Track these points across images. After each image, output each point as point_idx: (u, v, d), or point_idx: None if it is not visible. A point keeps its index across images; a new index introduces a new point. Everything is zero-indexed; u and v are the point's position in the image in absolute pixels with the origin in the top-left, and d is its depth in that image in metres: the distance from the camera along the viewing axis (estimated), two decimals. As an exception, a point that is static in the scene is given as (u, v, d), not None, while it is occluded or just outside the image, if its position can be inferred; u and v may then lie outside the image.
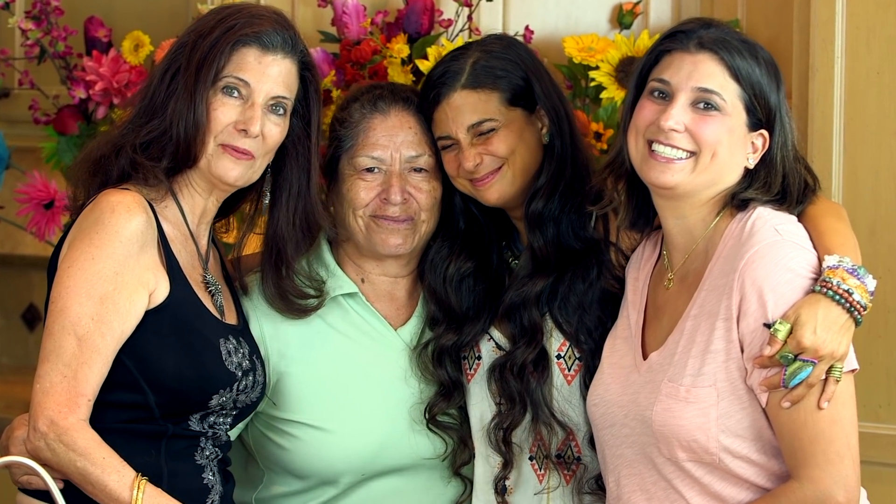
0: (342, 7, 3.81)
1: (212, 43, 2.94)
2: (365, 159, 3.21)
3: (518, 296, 3.14)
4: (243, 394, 3.00)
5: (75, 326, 2.79)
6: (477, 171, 3.13)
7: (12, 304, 5.23)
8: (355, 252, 3.28)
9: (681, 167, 2.82)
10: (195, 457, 2.95)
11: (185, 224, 3.00)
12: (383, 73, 3.72)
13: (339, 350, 3.24)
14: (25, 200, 4.00)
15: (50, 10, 4.08)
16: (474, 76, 3.13)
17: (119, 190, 2.90)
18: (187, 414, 2.92)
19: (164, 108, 2.94)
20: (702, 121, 2.80)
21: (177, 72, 2.96)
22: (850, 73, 3.41)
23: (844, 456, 2.68)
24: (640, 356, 2.91)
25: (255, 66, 2.96)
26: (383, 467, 3.21)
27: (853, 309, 2.70)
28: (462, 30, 3.81)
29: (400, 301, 3.31)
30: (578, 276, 3.13)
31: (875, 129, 3.38)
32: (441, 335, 3.22)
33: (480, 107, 3.13)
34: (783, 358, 2.67)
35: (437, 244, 3.26)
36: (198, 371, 2.89)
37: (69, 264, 2.83)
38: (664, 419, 2.78)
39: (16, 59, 4.28)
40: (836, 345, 2.68)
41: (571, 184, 3.14)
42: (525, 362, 3.11)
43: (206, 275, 3.03)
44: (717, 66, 2.81)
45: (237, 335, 3.02)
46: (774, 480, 2.77)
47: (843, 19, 3.42)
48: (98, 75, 3.98)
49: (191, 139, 2.92)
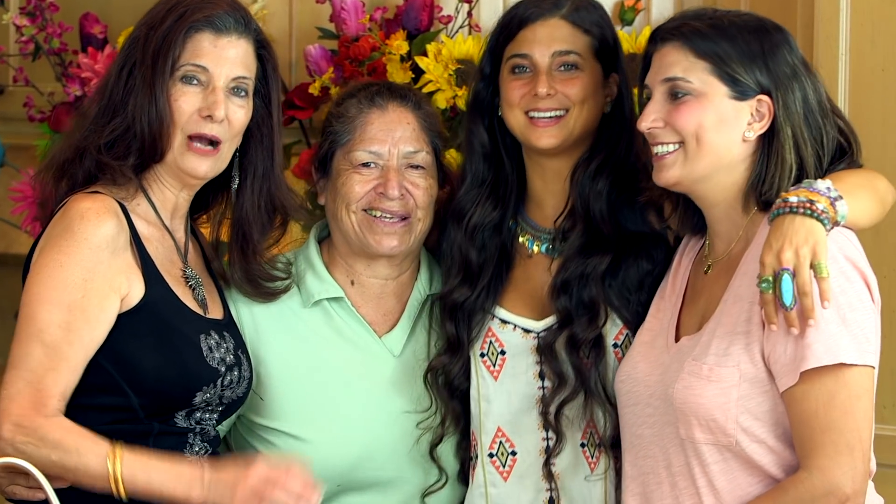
0: (341, 3, 3.79)
1: (164, 33, 2.90)
2: (362, 153, 3.18)
3: (577, 271, 3.08)
4: (228, 389, 2.97)
5: (42, 334, 2.76)
6: (544, 103, 3.08)
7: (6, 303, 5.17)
8: (347, 251, 3.24)
9: (672, 160, 2.83)
10: (185, 453, 2.92)
11: (159, 219, 2.97)
12: (382, 69, 3.70)
13: (319, 356, 3.19)
14: (20, 199, 3.98)
15: (45, 7, 4.06)
16: (576, 12, 3.12)
17: (87, 195, 2.86)
18: (172, 412, 2.89)
19: (125, 105, 2.91)
20: (675, 110, 2.82)
21: (133, 66, 2.92)
22: (855, 70, 3.41)
23: (855, 448, 2.66)
24: (672, 338, 2.91)
25: (210, 50, 2.92)
26: (362, 480, 3.17)
27: (814, 214, 2.67)
28: (462, 26, 3.80)
29: (387, 306, 3.26)
30: (638, 259, 3.09)
31: (880, 126, 3.37)
32: (455, 288, 3.18)
33: (573, 40, 3.10)
34: (764, 283, 2.65)
35: (465, 188, 3.21)
36: (179, 370, 2.86)
37: (38, 271, 2.80)
38: (685, 396, 2.77)
39: (10, 56, 4.25)
40: (801, 242, 2.64)
41: (623, 166, 3.11)
42: (584, 340, 3.06)
43: (185, 269, 3.00)
44: (677, 51, 2.83)
45: (220, 329, 2.99)
46: (788, 472, 2.75)
47: (848, 16, 3.41)
48: (93, 72, 3.95)
49: (156, 133, 2.89)
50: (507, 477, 3.17)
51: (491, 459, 3.17)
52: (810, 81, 2.83)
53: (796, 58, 2.84)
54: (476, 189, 3.21)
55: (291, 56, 3.98)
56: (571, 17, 3.11)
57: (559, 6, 3.12)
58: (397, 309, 3.27)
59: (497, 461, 3.17)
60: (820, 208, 2.68)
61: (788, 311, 2.65)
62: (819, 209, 2.68)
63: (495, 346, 3.17)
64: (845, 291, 2.69)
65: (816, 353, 2.66)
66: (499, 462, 3.17)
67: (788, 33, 2.86)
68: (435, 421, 3.19)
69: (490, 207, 3.20)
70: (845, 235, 2.75)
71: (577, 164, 3.13)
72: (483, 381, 3.17)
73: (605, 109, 3.15)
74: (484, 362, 3.18)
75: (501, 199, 3.21)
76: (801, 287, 2.64)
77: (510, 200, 3.21)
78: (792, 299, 2.64)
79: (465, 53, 3.67)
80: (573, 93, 3.10)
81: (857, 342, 2.68)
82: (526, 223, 3.22)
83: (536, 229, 3.20)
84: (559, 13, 3.11)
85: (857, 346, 2.68)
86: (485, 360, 3.18)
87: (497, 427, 3.17)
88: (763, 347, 2.73)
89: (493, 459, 3.18)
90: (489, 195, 3.20)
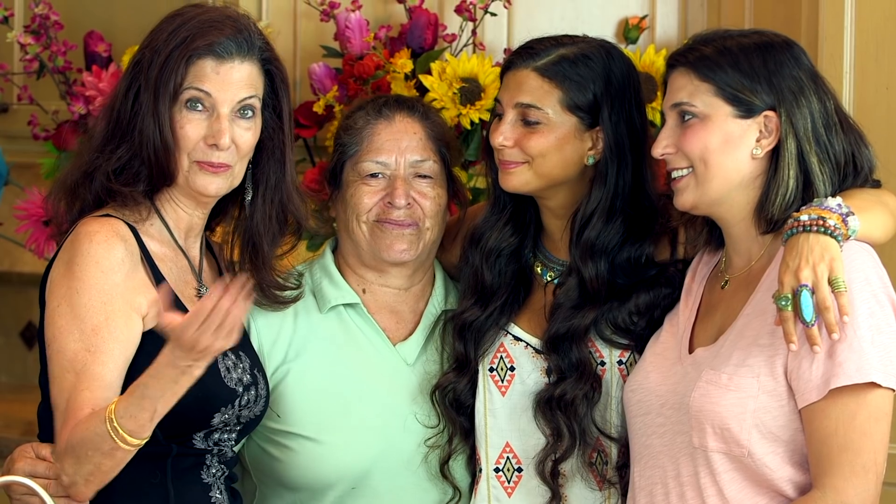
0: (345, 22, 3.79)
1: (164, 60, 2.88)
2: (369, 164, 3.19)
3: (564, 328, 3.10)
4: (246, 409, 2.96)
5: (73, 363, 2.76)
6: (502, 152, 3.09)
7: (11, 321, 5.20)
8: (357, 262, 3.25)
9: (685, 184, 2.85)
10: (202, 475, 2.92)
11: (172, 239, 2.96)
12: (386, 88, 3.70)
13: (334, 361, 3.20)
14: (24, 217, 3.98)
15: (49, 25, 4.06)
16: (550, 65, 3.07)
17: (96, 219, 2.86)
18: (190, 433, 2.88)
19: (132, 129, 2.89)
20: (683, 135, 2.84)
21: (138, 90, 2.90)
22: (859, 88, 3.41)
23: (870, 470, 2.66)
24: (685, 350, 2.91)
25: (213, 76, 2.90)
26: (377, 487, 3.17)
27: (827, 230, 2.69)
28: (466, 44, 3.80)
29: (402, 315, 3.28)
30: (648, 290, 3.09)
31: (884, 145, 3.35)
32: (467, 309, 3.19)
33: (537, 94, 3.07)
34: (781, 300, 2.66)
35: (487, 212, 3.22)
36: (196, 392, 2.84)
37: (57, 304, 2.79)
38: (701, 404, 2.78)
39: (15, 74, 4.25)
40: (817, 259, 2.65)
41: (633, 217, 3.10)
42: (575, 398, 3.07)
43: (199, 288, 3.00)
44: (683, 76, 2.84)
45: (236, 349, 2.97)
46: (798, 490, 2.75)
47: (852, 34, 3.41)
48: (98, 90, 3.96)
49: (163, 161, 2.88)
50: (511, 493, 3.17)
51: (496, 474, 3.17)
52: (818, 96, 2.84)
53: (804, 72, 2.84)
54: (497, 214, 3.22)
55: (296, 74, 3.98)
56: (544, 69, 3.07)
57: (536, 57, 3.08)
58: (411, 319, 3.28)
59: (503, 476, 3.17)
60: (831, 224, 2.69)
61: (809, 328, 2.66)
62: (831, 226, 2.69)
63: (505, 361, 3.18)
64: (874, 314, 2.70)
65: (847, 371, 2.66)
66: (504, 477, 3.17)
67: (796, 48, 2.86)
68: (442, 439, 3.19)
69: (508, 233, 3.21)
70: (868, 252, 2.76)
71: (574, 213, 3.12)
72: (490, 396, 3.17)
73: (586, 162, 3.11)
74: (493, 377, 3.18)
75: (520, 227, 3.22)
76: (821, 302, 2.65)
77: (529, 229, 3.22)
78: (812, 315, 2.65)
79: (469, 72, 3.67)
80: (529, 146, 3.08)
81: (884, 364, 2.69)
82: (542, 253, 3.23)
83: (550, 260, 3.21)
84: (533, 64, 3.08)
85: (884, 367, 2.69)
86: (493, 374, 3.18)
87: (506, 442, 3.17)
88: (787, 362, 2.73)
89: (498, 474, 3.17)
90: (508, 221, 3.21)
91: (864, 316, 2.69)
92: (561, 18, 3.88)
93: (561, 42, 3.11)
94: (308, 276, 3.26)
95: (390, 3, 3.90)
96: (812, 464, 2.71)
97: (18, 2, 4.41)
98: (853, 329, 2.67)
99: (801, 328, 2.67)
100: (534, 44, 3.12)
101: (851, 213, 2.72)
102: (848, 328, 2.67)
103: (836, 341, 2.67)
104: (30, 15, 4.13)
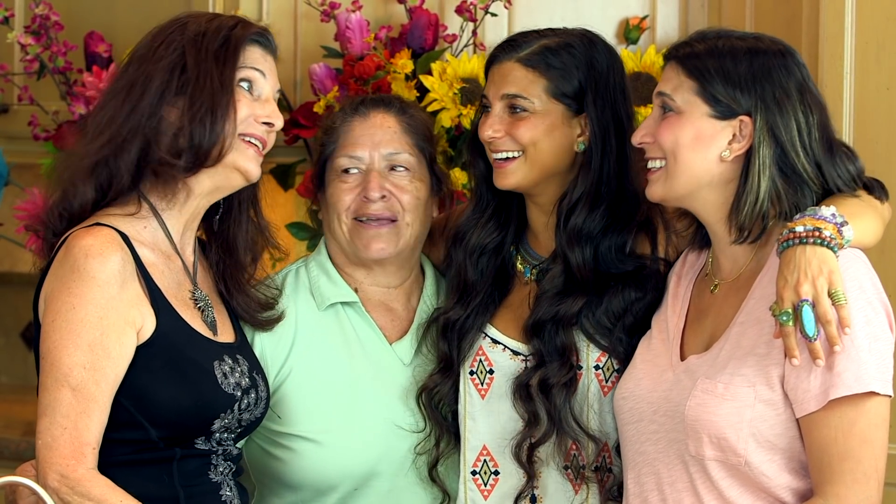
0: (345, 22, 3.79)
1: (221, 40, 2.89)
2: (343, 159, 3.20)
3: (550, 313, 3.09)
4: (246, 412, 2.96)
5: (68, 378, 2.75)
6: (493, 144, 3.09)
7: (11, 322, 5.20)
8: (345, 261, 3.26)
9: (657, 176, 2.85)
10: (209, 475, 2.91)
11: (167, 240, 2.95)
12: (387, 88, 3.70)
13: (334, 361, 3.20)
14: (25, 218, 3.97)
15: (50, 25, 4.07)
16: (532, 55, 3.08)
17: (87, 230, 2.83)
18: (192, 439, 2.88)
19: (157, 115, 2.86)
20: (658, 127, 2.84)
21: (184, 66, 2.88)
22: (860, 89, 3.40)
23: (871, 477, 2.66)
24: (677, 357, 2.90)
25: (262, 61, 2.94)
26: (379, 488, 3.17)
27: (823, 242, 2.67)
28: (466, 45, 3.80)
29: (396, 313, 3.28)
30: (618, 293, 3.08)
31: (885, 145, 3.37)
32: (451, 308, 3.19)
33: (522, 83, 3.08)
34: (783, 316, 2.65)
35: (470, 209, 3.23)
36: (195, 400, 2.85)
37: (53, 318, 2.78)
38: (697, 413, 2.77)
39: (15, 75, 4.26)
40: (816, 272, 2.64)
41: (616, 205, 3.10)
42: (556, 384, 3.07)
43: (194, 291, 2.98)
44: (671, 70, 2.85)
45: (233, 353, 2.97)
46: (796, 497, 2.74)
47: (853, 35, 3.41)
48: (98, 91, 3.95)
49: (217, 136, 2.86)
50: (487, 496, 3.16)
51: (473, 477, 3.17)
52: (802, 108, 2.79)
53: (792, 83, 2.79)
54: (479, 212, 3.22)
55: (296, 75, 3.99)
56: (527, 60, 3.08)
57: (519, 49, 3.09)
58: (405, 317, 3.28)
59: (479, 479, 3.16)
60: (827, 235, 2.67)
61: (812, 342, 2.65)
62: (826, 236, 2.67)
63: (485, 364, 3.17)
64: (871, 322, 2.69)
65: (846, 382, 2.65)
66: (481, 480, 3.16)
67: (791, 59, 2.82)
68: (430, 442, 3.20)
69: (491, 230, 3.21)
70: (862, 260, 2.75)
71: (559, 199, 3.12)
72: (470, 399, 3.17)
73: (576, 148, 3.12)
74: (473, 380, 3.18)
75: (503, 224, 3.22)
76: (823, 316, 2.63)
77: (511, 226, 3.22)
78: (815, 329, 2.64)
79: (469, 72, 3.67)
80: (519, 134, 3.08)
81: (881, 372, 2.68)
82: (525, 249, 3.22)
83: (532, 257, 3.21)
84: (516, 56, 3.09)
85: (882, 375, 2.68)
86: (474, 378, 3.18)
87: (483, 445, 3.16)
88: (784, 372, 2.71)
89: (475, 477, 3.17)
90: (490, 218, 3.21)
91: (860, 324, 2.67)
92: (561, 19, 3.88)
93: (543, 34, 3.12)
94: (304, 274, 3.27)
95: (391, 4, 3.90)
96: (813, 472, 2.71)
97: (19, 2, 4.41)
98: (850, 338, 2.66)
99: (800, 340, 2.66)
100: (516, 37, 3.14)
101: (846, 223, 2.70)
102: (845, 337, 2.66)
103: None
104: (30, 15, 4.14)
